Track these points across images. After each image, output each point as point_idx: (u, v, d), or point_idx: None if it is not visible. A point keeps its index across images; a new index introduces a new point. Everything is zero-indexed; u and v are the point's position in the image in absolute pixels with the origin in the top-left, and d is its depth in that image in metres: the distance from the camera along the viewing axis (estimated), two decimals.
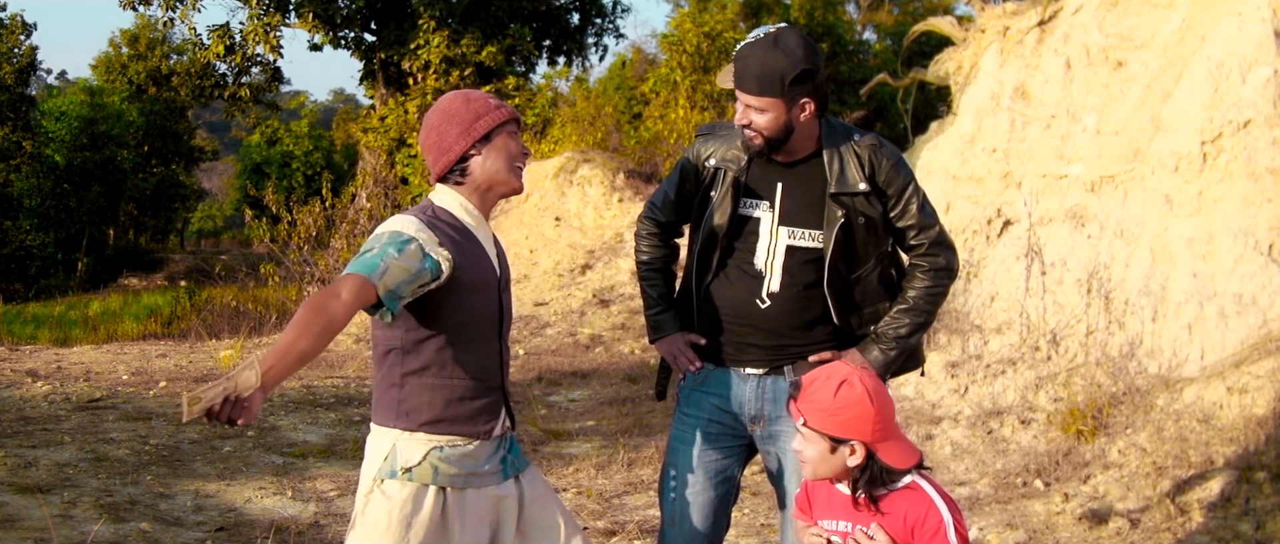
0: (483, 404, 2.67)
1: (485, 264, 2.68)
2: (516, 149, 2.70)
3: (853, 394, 2.42)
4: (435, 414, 2.62)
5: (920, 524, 2.42)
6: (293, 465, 6.29)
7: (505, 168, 2.69)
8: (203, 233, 48.29)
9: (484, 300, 2.66)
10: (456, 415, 2.64)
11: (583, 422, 7.56)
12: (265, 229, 15.88)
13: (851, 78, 22.01)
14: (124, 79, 34.41)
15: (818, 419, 2.44)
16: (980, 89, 8.14)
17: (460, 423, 2.64)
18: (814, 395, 2.45)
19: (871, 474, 2.43)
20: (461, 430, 2.64)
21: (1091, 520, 4.84)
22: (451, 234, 2.62)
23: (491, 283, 2.69)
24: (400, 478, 2.59)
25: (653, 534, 4.87)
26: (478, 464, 2.67)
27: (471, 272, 2.62)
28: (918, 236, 2.95)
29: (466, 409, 2.65)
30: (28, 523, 4.89)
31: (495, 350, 2.70)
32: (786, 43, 2.80)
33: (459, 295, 2.60)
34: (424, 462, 2.61)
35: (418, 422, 2.62)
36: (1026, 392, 6.24)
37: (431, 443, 2.62)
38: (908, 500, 2.45)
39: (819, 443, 2.45)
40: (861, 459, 2.43)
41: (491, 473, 2.69)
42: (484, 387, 2.68)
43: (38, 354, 10.81)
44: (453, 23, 23.43)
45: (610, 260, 12.34)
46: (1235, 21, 6.22)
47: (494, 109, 2.69)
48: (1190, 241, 6.00)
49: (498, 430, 2.70)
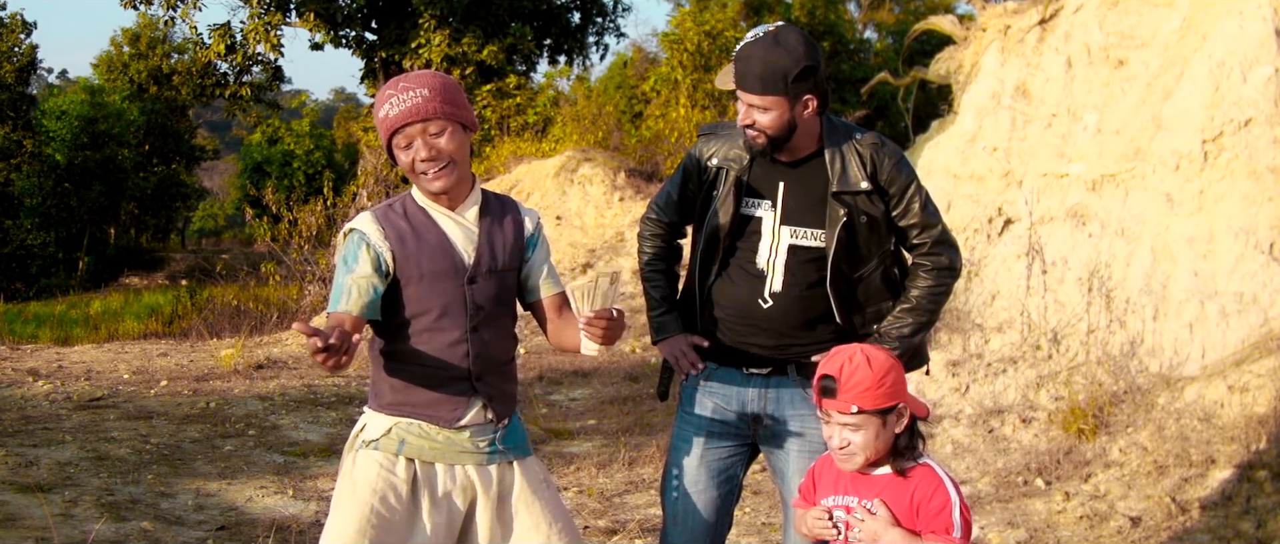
0: (444, 394, 2.68)
1: (443, 254, 2.67)
2: (408, 160, 2.65)
3: (879, 361, 2.48)
4: (397, 398, 2.69)
5: (926, 502, 2.42)
6: (294, 464, 6.29)
7: (411, 175, 2.69)
8: (204, 232, 48.33)
9: (440, 290, 2.66)
10: (418, 401, 2.68)
11: (584, 420, 7.56)
12: (266, 228, 15.89)
13: (853, 77, 22.01)
14: (125, 78, 34.45)
15: (871, 399, 2.45)
16: (981, 88, 8.14)
17: (422, 408, 2.68)
18: (854, 381, 2.45)
19: (910, 435, 2.49)
20: (423, 415, 2.68)
21: (1092, 519, 4.84)
22: (403, 226, 2.67)
23: (449, 272, 2.67)
24: (367, 448, 2.68)
25: (654, 533, 4.87)
26: (449, 444, 2.68)
27: (420, 263, 2.65)
28: (920, 236, 2.95)
29: (426, 397, 2.68)
30: (29, 522, 4.89)
31: (461, 340, 2.67)
32: (787, 40, 2.80)
33: (409, 286, 2.65)
34: (391, 433, 2.68)
35: (382, 402, 2.72)
36: (1027, 390, 6.24)
37: (394, 421, 2.69)
38: (918, 477, 2.46)
39: (872, 423, 2.46)
40: (906, 420, 2.48)
41: (469, 453, 2.69)
42: (445, 376, 2.67)
43: (39, 353, 10.81)
44: (454, 21, 23.45)
45: (611, 259, 12.34)
46: (1236, 20, 6.22)
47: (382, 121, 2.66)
48: (1191, 240, 6.00)
49: (466, 420, 2.69)
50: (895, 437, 2.47)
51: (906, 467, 2.46)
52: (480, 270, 2.70)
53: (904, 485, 2.45)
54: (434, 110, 2.61)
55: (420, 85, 2.63)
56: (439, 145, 2.63)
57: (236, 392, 8.26)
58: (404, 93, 2.62)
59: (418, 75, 2.68)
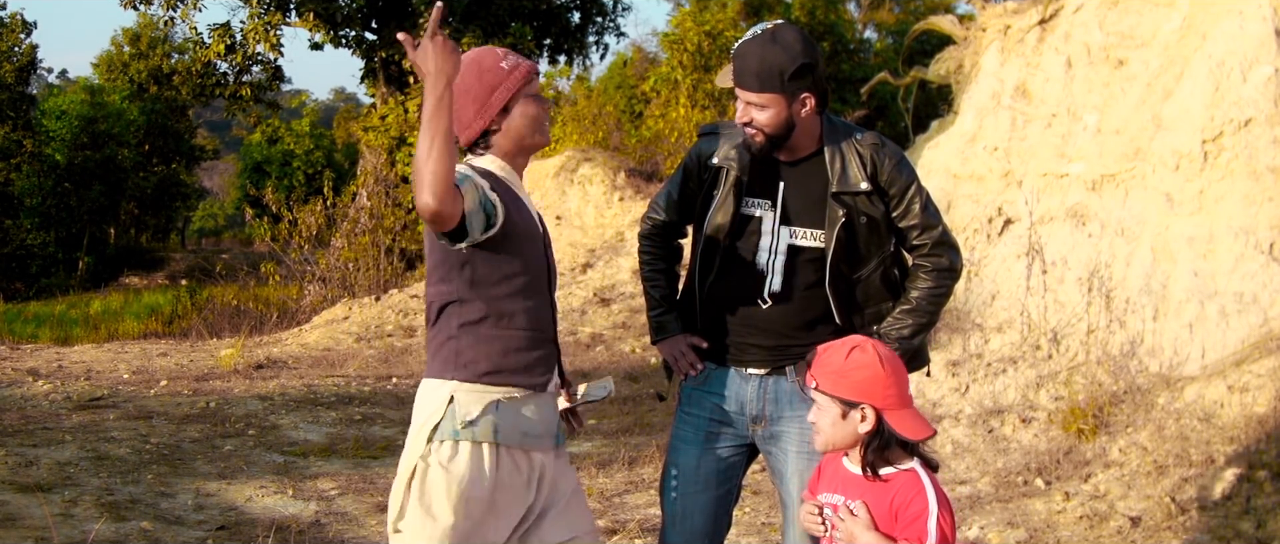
0: (538, 356, 2.67)
1: (531, 217, 2.72)
2: (536, 110, 2.70)
3: (864, 358, 2.45)
4: (494, 365, 2.60)
5: (905, 507, 2.41)
6: (294, 464, 6.29)
7: (528, 132, 2.71)
8: (204, 232, 48.32)
9: (535, 251, 2.69)
10: (515, 366, 2.62)
11: (583, 420, 7.56)
12: (266, 228, 15.90)
13: (852, 76, 21.99)
14: (125, 78, 34.43)
15: (829, 382, 2.45)
16: (981, 88, 8.14)
17: (518, 373, 2.63)
18: (826, 359, 2.48)
19: (880, 442, 2.43)
20: (519, 381, 2.62)
21: (1092, 519, 4.84)
22: (502, 187, 2.64)
23: (536, 236, 2.72)
24: (461, 438, 2.56)
25: (654, 533, 4.86)
26: (534, 424, 2.66)
27: (521, 221, 2.64)
28: (921, 237, 2.94)
29: (524, 360, 2.64)
30: (28, 522, 4.89)
31: (548, 304, 2.73)
32: (784, 38, 2.80)
33: (513, 242, 2.61)
34: (483, 418, 2.58)
35: (476, 372, 2.60)
36: (1027, 390, 6.24)
37: (489, 396, 2.59)
38: (901, 482, 2.44)
39: (830, 408, 2.45)
40: (872, 425, 2.43)
41: (546, 435, 2.70)
42: (540, 337, 2.68)
43: (39, 353, 10.82)
44: (454, 21, 23.44)
45: (611, 259, 12.34)
46: (1236, 20, 6.22)
47: (507, 76, 2.66)
48: (1191, 240, 6.00)
49: (551, 385, 2.71)
50: (866, 436, 2.45)
51: (883, 472, 2.45)
52: (547, 238, 2.79)
53: (886, 490, 2.44)
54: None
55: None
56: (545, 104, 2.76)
57: (236, 392, 8.26)
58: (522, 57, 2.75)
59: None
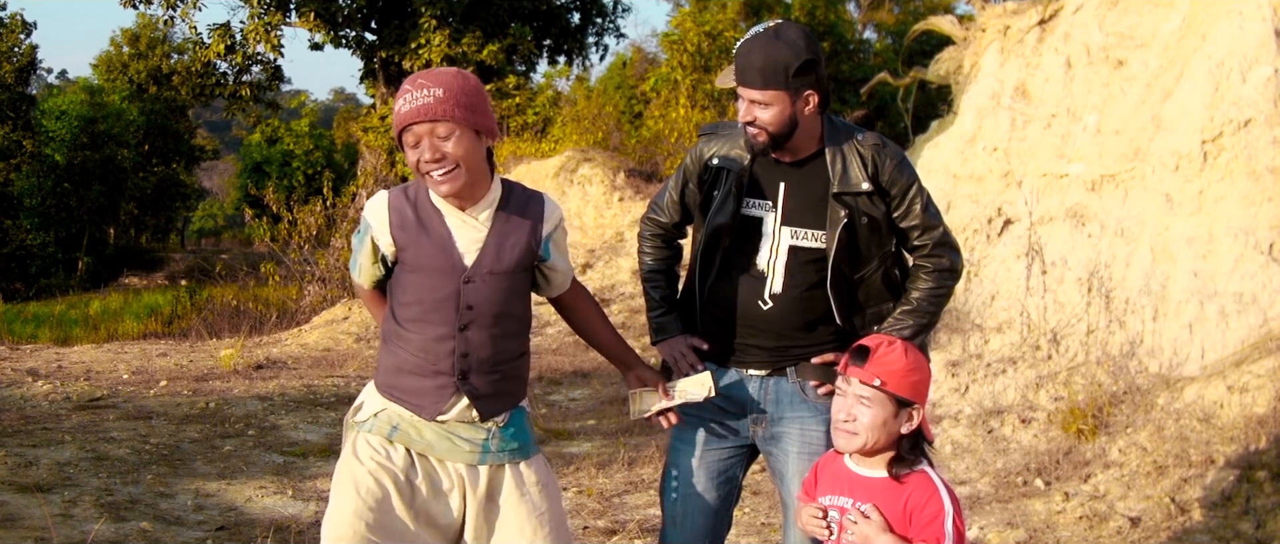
0: (428, 386, 2.68)
1: (442, 252, 2.66)
2: (414, 159, 2.58)
3: (918, 358, 2.48)
4: (388, 380, 2.74)
5: (920, 509, 2.42)
6: (293, 465, 6.29)
7: (417, 174, 2.65)
8: (203, 232, 48.32)
9: (433, 285, 2.66)
10: (404, 387, 2.71)
11: (583, 421, 7.56)
12: (266, 228, 15.88)
13: (852, 77, 21.98)
14: (124, 78, 34.43)
15: (896, 380, 2.44)
16: (981, 88, 8.14)
17: (406, 396, 2.71)
18: (887, 358, 2.45)
19: (912, 442, 2.47)
20: (407, 403, 2.71)
21: (1092, 519, 4.84)
22: (410, 215, 2.68)
23: (444, 269, 2.66)
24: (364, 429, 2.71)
25: (654, 534, 4.86)
26: (438, 438, 2.69)
27: (418, 255, 2.67)
28: (922, 237, 2.94)
29: (411, 385, 2.70)
30: (28, 522, 4.88)
31: (448, 337, 2.66)
32: (787, 35, 2.79)
33: (405, 274, 2.71)
34: (383, 413, 2.72)
35: (379, 381, 2.77)
36: (1027, 391, 6.24)
37: (387, 405, 2.73)
38: (913, 484, 2.45)
39: (886, 406, 2.45)
40: (915, 425, 2.45)
41: (458, 450, 2.69)
42: (430, 370, 2.68)
43: (38, 353, 10.81)
44: (453, 22, 23.45)
45: (611, 259, 12.34)
46: (1236, 20, 6.22)
47: (394, 115, 2.61)
48: (1191, 241, 6.00)
49: (449, 416, 2.69)
50: (900, 438, 2.46)
51: (902, 473, 2.45)
52: (480, 271, 2.67)
53: (899, 491, 2.45)
54: (444, 112, 2.53)
55: (436, 84, 2.56)
56: (444, 148, 2.55)
57: (236, 392, 8.26)
58: (419, 90, 2.56)
59: (438, 73, 2.60)
